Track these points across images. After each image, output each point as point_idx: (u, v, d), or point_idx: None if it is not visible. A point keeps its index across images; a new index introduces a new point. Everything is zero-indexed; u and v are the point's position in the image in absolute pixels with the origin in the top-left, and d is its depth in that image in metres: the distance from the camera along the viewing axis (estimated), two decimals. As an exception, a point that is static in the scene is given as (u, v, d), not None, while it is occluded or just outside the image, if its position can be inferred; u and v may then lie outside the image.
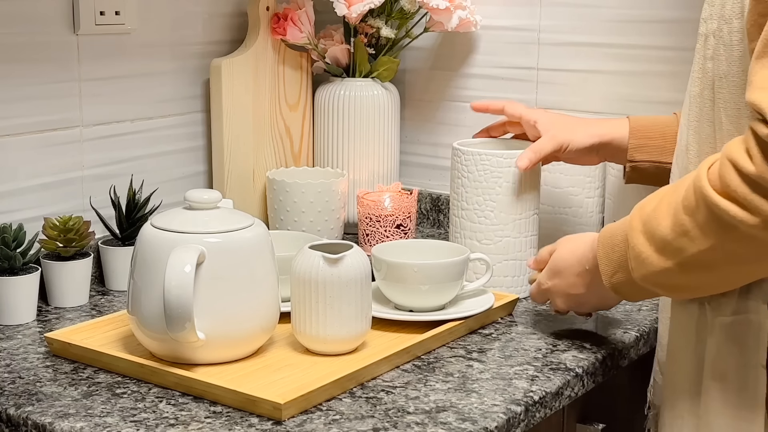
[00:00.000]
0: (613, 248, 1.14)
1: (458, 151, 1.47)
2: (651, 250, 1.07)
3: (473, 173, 1.45)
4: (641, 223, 1.09)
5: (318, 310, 1.22)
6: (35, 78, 1.50)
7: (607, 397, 1.36)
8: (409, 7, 1.79)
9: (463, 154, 1.46)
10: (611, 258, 1.14)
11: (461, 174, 1.46)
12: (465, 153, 1.46)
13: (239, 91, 1.74)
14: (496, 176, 1.44)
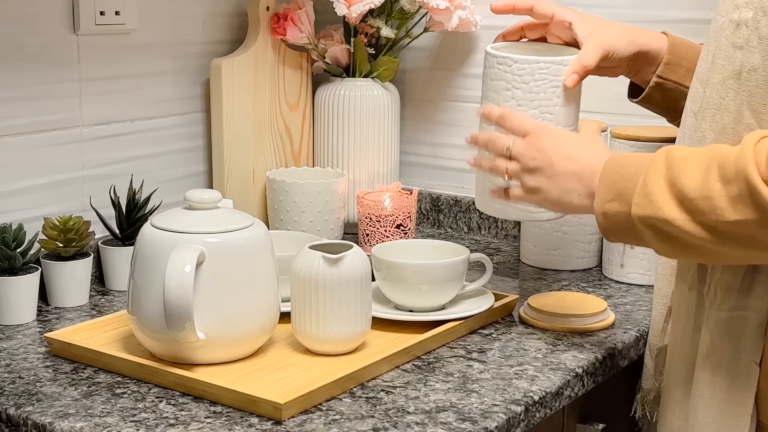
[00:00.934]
0: (620, 176, 1.10)
1: (506, 59, 1.25)
2: (667, 196, 1.04)
3: (528, 84, 1.24)
4: (665, 166, 1.06)
5: (318, 310, 1.22)
6: (35, 78, 1.50)
7: (607, 397, 1.36)
8: (409, 7, 1.79)
9: (515, 62, 1.24)
10: (613, 185, 1.10)
11: (512, 85, 1.24)
12: (517, 61, 1.24)
13: (239, 91, 1.74)
14: (554, 86, 1.25)
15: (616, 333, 1.36)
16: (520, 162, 1.20)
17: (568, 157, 1.16)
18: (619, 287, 1.55)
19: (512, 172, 1.21)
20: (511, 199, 1.23)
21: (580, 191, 1.14)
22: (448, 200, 1.88)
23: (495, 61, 1.26)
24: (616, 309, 1.44)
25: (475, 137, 1.26)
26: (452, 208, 1.88)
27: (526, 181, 1.19)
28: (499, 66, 1.26)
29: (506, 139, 1.21)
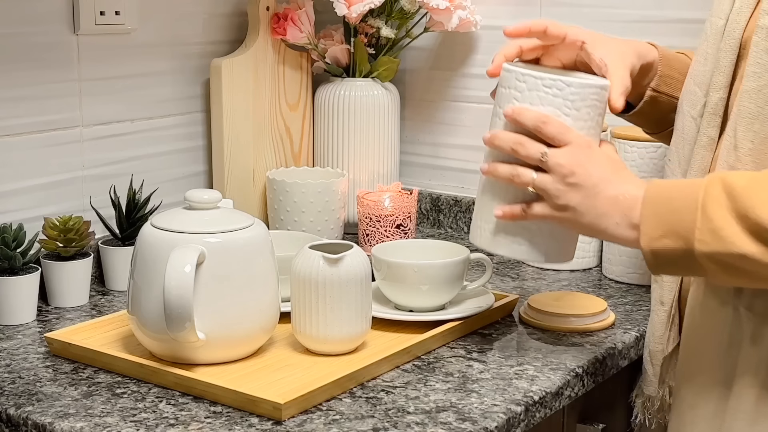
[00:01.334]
0: (667, 210, 1.04)
1: (557, 82, 1.12)
2: (737, 230, 0.99)
3: (580, 110, 1.12)
4: (727, 198, 1.01)
5: (318, 310, 1.22)
6: (35, 78, 1.50)
7: (607, 397, 1.36)
8: (409, 7, 1.79)
9: (568, 86, 1.12)
10: (662, 221, 1.03)
11: (562, 111, 1.11)
12: (571, 85, 1.12)
13: (239, 91, 1.74)
14: (599, 112, 1.15)
15: (616, 333, 1.36)
16: (554, 173, 1.09)
17: (609, 179, 1.08)
18: (619, 287, 1.55)
19: (540, 182, 1.10)
20: (529, 217, 1.11)
21: (619, 220, 1.07)
22: (448, 200, 1.88)
23: (541, 84, 1.12)
24: (616, 309, 1.44)
25: (497, 137, 1.13)
26: (452, 208, 1.88)
27: (558, 196, 1.09)
28: (548, 89, 1.12)
29: (541, 145, 1.10)
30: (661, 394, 1.26)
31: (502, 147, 1.12)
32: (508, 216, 1.13)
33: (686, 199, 1.03)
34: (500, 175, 1.13)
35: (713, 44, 1.18)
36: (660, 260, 1.06)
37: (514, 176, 1.11)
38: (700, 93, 1.19)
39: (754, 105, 1.09)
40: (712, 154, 1.18)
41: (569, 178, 1.08)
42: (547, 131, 1.10)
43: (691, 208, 1.03)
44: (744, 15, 1.15)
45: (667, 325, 1.23)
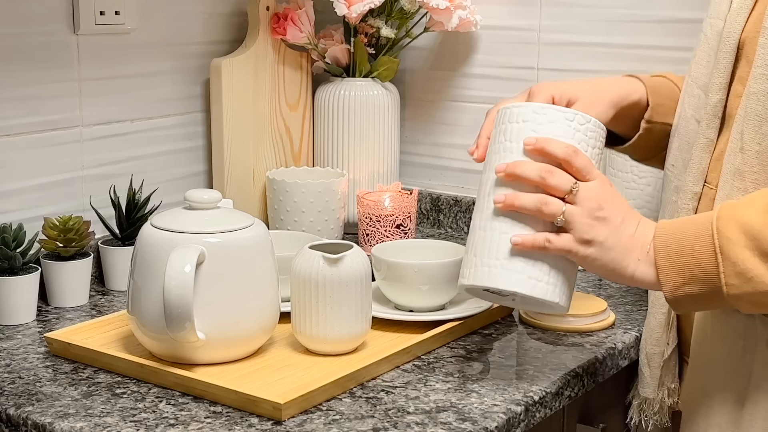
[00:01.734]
0: (683, 257, 1.04)
1: (578, 117, 1.10)
2: (764, 268, 1.00)
3: (594, 148, 1.11)
4: (745, 237, 1.01)
5: (318, 310, 1.22)
6: (35, 78, 1.50)
7: (608, 397, 1.36)
8: (409, 7, 1.79)
9: (587, 121, 1.10)
10: (682, 269, 1.04)
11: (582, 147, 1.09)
12: (589, 121, 1.10)
13: (239, 91, 1.74)
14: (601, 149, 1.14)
15: (616, 333, 1.36)
16: (583, 207, 1.06)
17: (630, 217, 1.08)
18: (619, 287, 1.55)
19: (569, 215, 1.06)
20: (552, 250, 1.06)
21: (640, 256, 1.06)
22: (448, 200, 1.88)
23: (563, 116, 1.09)
24: (616, 309, 1.44)
25: (519, 166, 1.07)
26: (452, 208, 1.88)
27: (585, 230, 1.06)
28: (570, 122, 1.09)
29: (569, 175, 1.07)
30: (660, 396, 1.26)
31: (528, 176, 1.06)
32: (529, 244, 1.06)
33: (700, 242, 1.03)
34: (524, 204, 1.06)
35: (713, 46, 1.18)
36: (684, 303, 1.06)
37: (542, 205, 1.06)
38: (703, 96, 1.19)
39: (762, 107, 1.09)
40: (710, 155, 1.17)
41: (597, 212, 1.06)
42: (577, 162, 1.06)
43: (707, 252, 1.03)
44: (742, 16, 1.15)
45: (665, 327, 1.23)
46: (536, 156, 1.08)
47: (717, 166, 1.16)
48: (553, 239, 1.06)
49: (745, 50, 1.14)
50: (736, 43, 1.15)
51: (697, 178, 1.17)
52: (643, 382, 1.28)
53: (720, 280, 1.02)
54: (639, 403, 1.29)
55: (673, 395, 1.25)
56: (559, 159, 1.07)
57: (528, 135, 1.08)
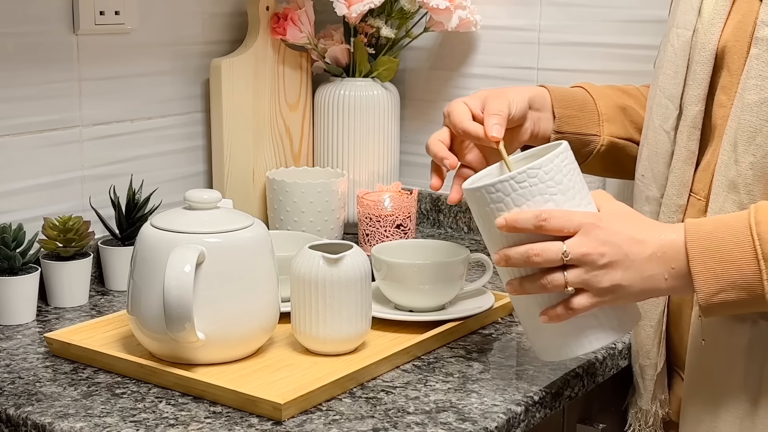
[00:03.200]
0: (722, 264, 1.01)
1: (529, 171, 1.05)
2: None
3: (562, 183, 1.06)
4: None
5: (318, 310, 1.22)
6: (35, 78, 1.49)
7: (607, 397, 1.36)
8: (409, 7, 1.79)
9: (540, 168, 1.05)
10: (717, 275, 1.01)
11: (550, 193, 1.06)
12: (541, 166, 1.06)
13: (239, 91, 1.74)
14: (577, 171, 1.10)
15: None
16: (583, 264, 1.03)
17: (636, 241, 1.03)
18: (619, 287, 1.55)
19: (575, 279, 1.03)
20: (576, 313, 1.05)
21: (667, 275, 1.03)
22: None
23: (515, 183, 1.05)
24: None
25: (508, 257, 1.05)
26: (452, 208, 1.88)
27: (598, 282, 1.03)
28: (522, 183, 1.05)
29: (555, 243, 1.03)
30: (653, 409, 1.26)
31: (518, 264, 1.05)
32: (555, 319, 1.06)
33: (739, 248, 1.01)
34: (530, 291, 1.06)
35: (682, 56, 1.18)
36: (716, 310, 1.04)
37: (546, 285, 1.04)
38: (671, 106, 1.19)
39: (756, 118, 1.08)
40: (692, 168, 1.17)
41: (600, 261, 1.03)
42: (551, 226, 1.03)
43: (748, 258, 1.00)
44: (717, 26, 1.14)
45: (654, 340, 1.23)
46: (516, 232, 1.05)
47: (704, 177, 1.15)
48: (575, 304, 1.04)
49: (726, 60, 1.13)
50: (713, 54, 1.14)
51: (681, 191, 1.17)
52: (638, 393, 1.28)
53: (763, 287, 1.00)
54: (635, 412, 1.29)
55: (665, 406, 1.26)
56: (534, 231, 1.04)
57: (497, 216, 1.06)
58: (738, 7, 1.13)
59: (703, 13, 1.16)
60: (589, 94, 1.34)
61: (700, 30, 1.16)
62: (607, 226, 1.04)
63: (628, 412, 1.31)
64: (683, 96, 1.17)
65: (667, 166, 1.20)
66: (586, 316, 1.07)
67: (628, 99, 1.36)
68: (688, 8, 1.18)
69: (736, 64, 1.12)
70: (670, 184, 1.18)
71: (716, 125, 1.14)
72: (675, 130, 1.19)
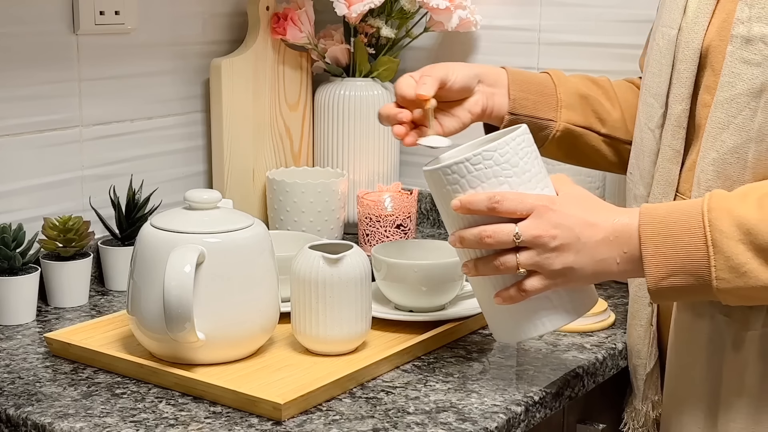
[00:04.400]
0: (672, 248, 1.01)
1: (484, 153, 1.07)
2: (759, 263, 0.99)
3: (518, 165, 1.08)
4: (739, 231, 0.99)
5: (318, 310, 1.22)
6: (35, 78, 1.49)
7: (607, 397, 1.36)
8: (409, 7, 1.79)
9: (495, 150, 1.07)
10: (668, 260, 1.01)
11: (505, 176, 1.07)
12: (496, 149, 1.07)
13: (239, 91, 1.74)
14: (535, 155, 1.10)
15: (616, 333, 1.36)
16: (535, 246, 1.04)
17: (589, 224, 1.04)
18: (619, 287, 1.55)
19: (526, 261, 1.05)
20: (529, 294, 1.06)
21: (618, 258, 1.04)
22: (448, 200, 1.88)
23: (470, 165, 1.06)
24: (616, 309, 1.44)
25: (462, 238, 1.07)
26: (452, 208, 1.88)
27: (550, 264, 1.04)
28: (477, 165, 1.06)
29: (507, 225, 1.05)
30: (644, 410, 1.26)
31: (471, 245, 1.07)
32: (508, 301, 1.08)
33: (690, 233, 1.01)
34: (483, 271, 1.08)
35: (667, 55, 1.18)
36: (666, 295, 1.04)
37: (498, 266, 1.06)
38: (656, 105, 1.19)
39: (725, 115, 1.08)
40: (678, 167, 1.17)
41: (552, 243, 1.04)
42: (504, 209, 1.05)
43: (698, 244, 1.01)
44: (701, 25, 1.14)
45: (644, 341, 1.23)
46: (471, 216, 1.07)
47: (689, 176, 1.15)
48: (527, 286, 1.06)
49: (709, 59, 1.13)
50: (697, 53, 1.14)
51: (666, 190, 1.17)
52: (632, 392, 1.29)
53: (710, 274, 1.01)
54: (630, 411, 1.30)
55: (657, 407, 1.26)
56: (487, 213, 1.05)
57: (452, 198, 1.07)
58: (722, 7, 1.13)
59: (688, 12, 1.16)
60: (552, 80, 1.34)
61: (685, 29, 1.16)
62: (560, 209, 1.05)
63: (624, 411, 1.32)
64: (668, 94, 1.17)
65: (653, 164, 1.20)
66: (540, 299, 1.08)
67: (595, 89, 1.36)
68: (673, 7, 1.18)
69: (719, 63, 1.12)
70: (656, 183, 1.19)
71: (700, 124, 1.14)
72: (660, 128, 1.19)
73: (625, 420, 1.31)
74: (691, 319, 1.11)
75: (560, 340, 1.33)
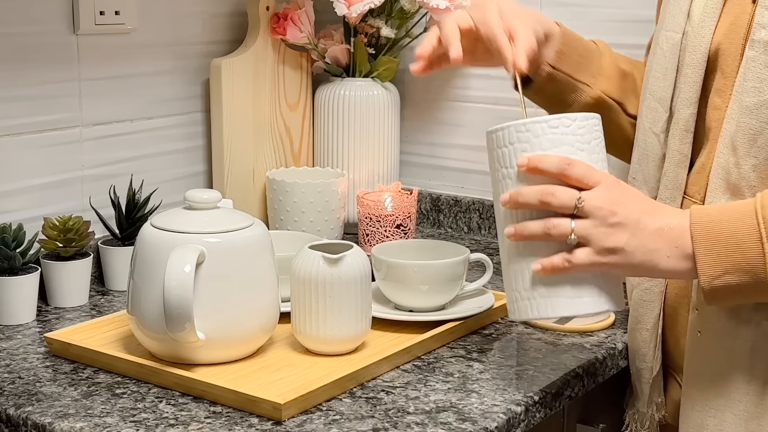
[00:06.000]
0: (725, 246, 1.00)
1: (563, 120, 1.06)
2: None
3: (590, 143, 1.07)
4: None
5: (318, 310, 1.22)
6: (35, 78, 1.49)
7: (607, 397, 1.36)
8: (409, 7, 1.79)
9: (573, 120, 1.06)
10: (721, 257, 1.00)
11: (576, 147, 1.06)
12: (576, 119, 1.06)
13: (239, 91, 1.74)
14: (601, 139, 1.10)
15: (616, 333, 1.36)
16: (594, 216, 1.02)
17: (647, 212, 1.03)
18: (619, 287, 1.55)
19: (581, 229, 1.02)
20: (575, 267, 1.03)
21: (669, 253, 1.02)
22: (448, 200, 1.88)
23: (547, 127, 1.05)
24: (616, 309, 1.44)
25: (520, 194, 1.04)
26: (452, 208, 1.88)
27: (603, 239, 1.02)
28: (555, 129, 1.04)
29: (571, 189, 1.02)
30: (649, 412, 1.26)
31: (529, 202, 1.03)
32: (549, 269, 1.03)
33: (743, 231, 1.00)
34: (532, 232, 1.03)
35: (671, 59, 1.17)
36: (720, 294, 1.03)
37: (550, 229, 1.02)
38: (661, 109, 1.18)
39: (756, 121, 1.07)
40: (686, 170, 1.17)
41: (611, 218, 1.02)
42: (574, 173, 1.02)
43: (752, 240, 1.00)
44: (708, 28, 1.14)
45: (649, 345, 1.23)
46: (533, 176, 1.04)
47: (699, 179, 1.15)
48: (573, 258, 1.03)
49: (719, 62, 1.13)
50: (704, 56, 1.14)
51: (674, 194, 1.17)
52: (635, 395, 1.29)
53: (765, 270, 0.99)
54: (633, 413, 1.29)
55: (661, 409, 1.26)
56: (555, 175, 1.03)
57: (519, 156, 1.05)
58: (729, 9, 1.13)
59: (693, 16, 1.15)
60: (598, 48, 1.34)
61: (690, 32, 1.15)
62: (625, 192, 1.04)
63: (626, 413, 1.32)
64: (673, 99, 1.17)
65: (658, 168, 1.20)
66: (584, 276, 1.05)
67: (635, 70, 1.35)
68: (676, 11, 1.17)
69: (730, 67, 1.11)
70: (663, 187, 1.18)
71: (710, 128, 1.14)
72: (665, 132, 1.18)
73: (627, 422, 1.31)
74: (734, 325, 1.10)
75: (560, 340, 1.33)
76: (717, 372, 1.12)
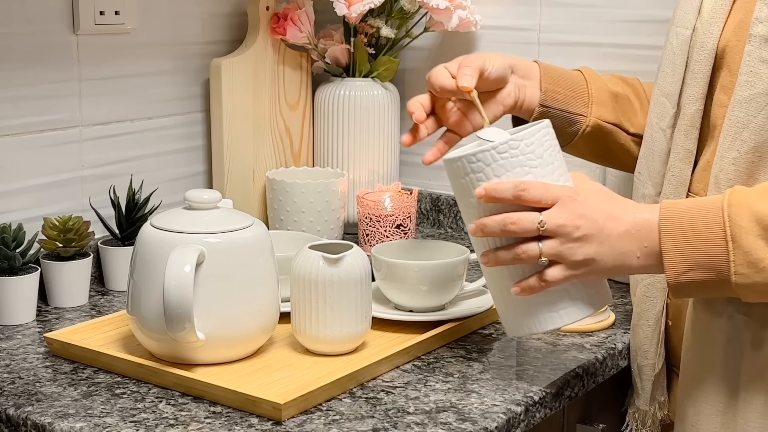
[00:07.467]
0: (691, 243, 1.01)
1: (511, 142, 1.07)
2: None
3: (542, 157, 1.08)
4: (758, 226, 0.99)
5: (318, 310, 1.22)
6: (35, 78, 1.49)
7: (607, 397, 1.36)
8: (409, 7, 1.79)
9: (522, 140, 1.08)
10: (686, 254, 1.02)
11: (530, 166, 1.08)
12: (523, 138, 1.08)
13: (239, 91, 1.74)
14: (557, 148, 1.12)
15: (616, 333, 1.36)
16: (558, 235, 1.04)
17: (612, 216, 1.05)
18: (619, 287, 1.55)
19: (549, 249, 1.05)
20: (550, 284, 1.07)
21: (639, 252, 1.04)
22: (448, 200, 1.88)
23: (496, 153, 1.07)
24: (616, 309, 1.44)
25: (484, 225, 1.07)
26: (452, 208, 1.88)
27: (572, 254, 1.04)
28: (503, 154, 1.07)
29: (532, 213, 1.05)
30: (651, 410, 1.26)
31: (493, 233, 1.07)
32: (527, 291, 1.08)
33: (709, 228, 1.01)
34: (504, 260, 1.08)
35: (680, 55, 1.17)
36: (686, 290, 1.04)
37: (520, 255, 1.06)
38: (668, 104, 1.19)
39: (744, 114, 1.08)
40: (690, 167, 1.17)
41: (576, 233, 1.04)
42: (530, 197, 1.05)
43: (717, 239, 1.01)
44: (717, 25, 1.14)
45: (651, 341, 1.23)
46: (494, 205, 1.07)
47: (704, 176, 1.15)
48: (547, 276, 1.06)
49: (726, 59, 1.13)
50: (712, 53, 1.14)
51: (678, 190, 1.17)
52: (636, 393, 1.28)
53: (729, 269, 1.00)
54: (633, 412, 1.29)
55: (664, 408, 1.26)
56: (512, 201, 1.05)
57: (476, 186, 1.08)
58: (739, 7, 1.13)
59: (703, 12, 1.16)
60: (584, 76, 1.35)
61: (700, 29, 1.15)
62: (584, 201, 1.06)
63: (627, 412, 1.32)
64: (681, 94, 1.17)
65: (663, 164, 1.20)
66: (558, 291, 1.09)
67: (626, 88, 1.36)
68: (688, 7, 1.18)
69: (736, 64, 1.12)
70: (668, 183, 1.18)
71: (716, 125, 1.14)
72: (672, 128, 1.19)
73: (627, 421, 1.31)
74: (709, 318, 1.10)
75: (560, 340, 1.33)
76: (699, 364, 1.13)
